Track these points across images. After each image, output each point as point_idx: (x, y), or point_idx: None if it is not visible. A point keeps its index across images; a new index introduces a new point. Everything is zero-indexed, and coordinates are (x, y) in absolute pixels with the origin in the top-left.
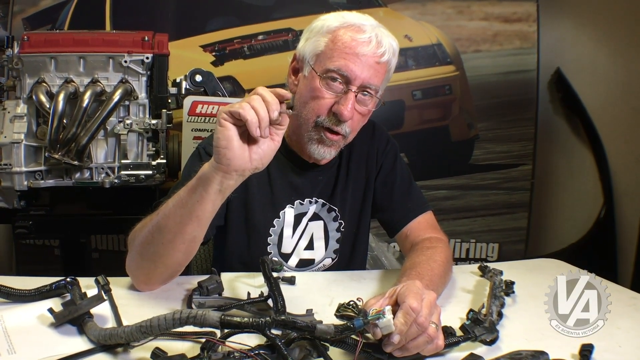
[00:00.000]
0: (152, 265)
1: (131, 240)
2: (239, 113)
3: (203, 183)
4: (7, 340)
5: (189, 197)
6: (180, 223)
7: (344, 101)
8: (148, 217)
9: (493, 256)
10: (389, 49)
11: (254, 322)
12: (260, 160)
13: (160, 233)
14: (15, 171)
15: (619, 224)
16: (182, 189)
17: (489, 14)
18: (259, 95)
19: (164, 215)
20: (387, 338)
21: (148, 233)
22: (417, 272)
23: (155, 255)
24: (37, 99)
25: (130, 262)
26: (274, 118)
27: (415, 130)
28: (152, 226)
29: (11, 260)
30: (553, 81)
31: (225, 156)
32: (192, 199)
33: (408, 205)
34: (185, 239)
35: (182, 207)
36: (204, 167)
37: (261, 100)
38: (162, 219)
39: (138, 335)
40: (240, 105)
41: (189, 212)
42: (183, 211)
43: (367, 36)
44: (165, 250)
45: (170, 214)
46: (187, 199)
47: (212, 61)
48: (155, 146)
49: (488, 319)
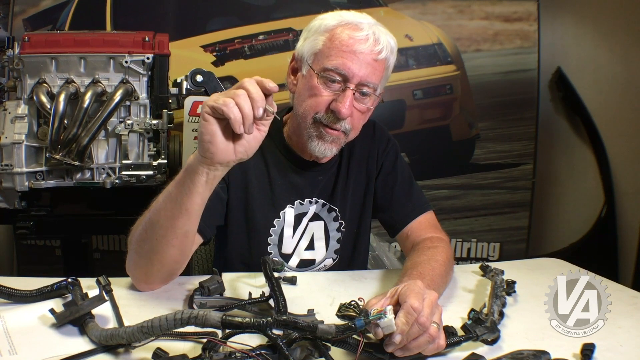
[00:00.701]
0: (149, 262)
1: (129, 240)
2: (222, 110)
3: (190, 175)
4: (8, 341)
5: (177, 191)
6: (172, 217)
7: (341, 99)
8: (143, 215)
9: (494, 256)
10: (387, 46)
11: (256, 322)
12: (245, 152)
13: (153, 229)
14: (16, 172)
15: (620, 223)
16: (171, 183)
17: (489, 13)
18: (244, 90)
19: (155, 210)
20: (389, 338)
21: (142, 230)
22: (419, 272)
23: (150, 252)
24: (38, 100)
25: (129, 261)
26: (258, 116)
27: (416, 129)
28: (145, 223)
29: (12, 260)
30: (554, 80)
31: (209, 150)
32: (181, 192)
33: (409, 205)
34: (177, 233)
35: (172, 202)
36: (190, 160)
37: (246, 96)
38: (153, 215)
39: (139, 336)
40: (224, 101)
41: (179, 206)
42: (173, 205)
43: (365, 34)
44: (159, 246)
45: (161, 209)
46: (177, 193)
47: (213, 61)
48: (156, 146)
49: (489, 319)
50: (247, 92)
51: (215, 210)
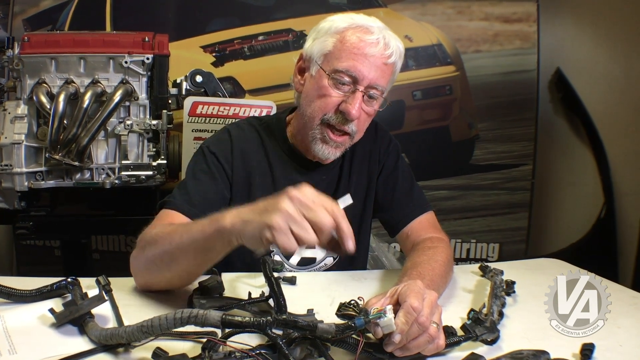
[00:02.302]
0: (155, 280)
1: (140, 247)
2: (301, 238)
3: (221, 239)
4: (8, 341)
5: (204, 242)
6: (193, 263)
7: (351, 100)
8: (160, 229)
9: (493, 256)
10: (396, 51)
11: (255, 322)
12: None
13: (170, 261)
14: (16, 172)
15: (620, 223)
16: (198, 227)
17: (489, 14)
18: (323, 220)
19: (178, 247)
20: (388, 337)
21: (157, 256)
22: (418, 272)
23: (160, 276)
24: (38, 100)
25: (135, 265)
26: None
27: (415, 130)
28: (162, 252)
29: (11, 261)
30: (553, 81)
31: (256, 246)
32: (207, 246)
33: (409, 205)
34: (192, 271)
35: (196, 251)
36: (225, 222)
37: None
38: (175, 250)
39: (139, 335)
40: (306, 230)
41: (202, 256)
42: (196, 253)
43: (375, 37)
44: (170, 274)
45: (183, 249)
46: (203, 245)
47: (213, 62)
48: (155, 147)
49: (489, 319)
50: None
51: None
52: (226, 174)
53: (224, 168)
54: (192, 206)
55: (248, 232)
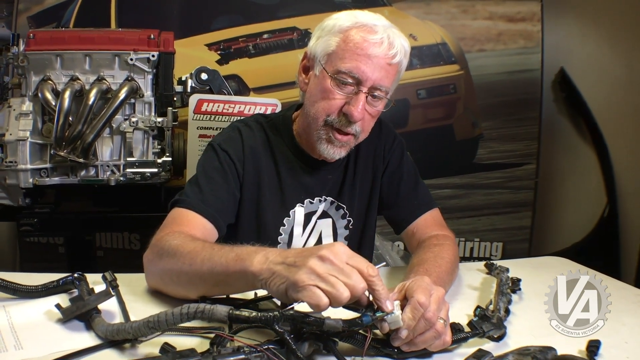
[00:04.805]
0: (168, 290)
1: (156, 252)
2: (334, 296)
3: (245, 280)
4: (14, 336)
5: (226, 278)
6: (210, 290)
7: (354, 102)
8: (180, 242)
9: (497, 255)
10: (401, 50)
11: (263, 317)
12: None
13: (187, 283)
14: (21, 168)
15: (623, 222)
16: (221, 260)
17: (493, 13)
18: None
19: (197, 273)
20: (395, 332)
21: (174, 273)
22: (425, 269)
23: (174, 290)
24: (43, 97)
25: (149, 269)
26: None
27: (419, 129)
28: (180, 271)
29: (15, 257)
30: (557, 80)
31: (282, 298)
32: (229, 281)
33: (415, 202)
34: (208, 294)
35: (216, 282)
36: (253, 268)
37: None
38: (193, 275)
39: (146, 331)
40: (337, 289)
41: (222, 288)
42: (215, 285)
43: (379, 37)
44: (185, 292)
45: (203, 277)
46: (224, 280)
47: (218, 60)
48: (160, 144)
49: (495, 315)
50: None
51: (230, 209)
52: (237, 173)
53: (235, 167)
54: (206, 205)
55: (274, 284)
